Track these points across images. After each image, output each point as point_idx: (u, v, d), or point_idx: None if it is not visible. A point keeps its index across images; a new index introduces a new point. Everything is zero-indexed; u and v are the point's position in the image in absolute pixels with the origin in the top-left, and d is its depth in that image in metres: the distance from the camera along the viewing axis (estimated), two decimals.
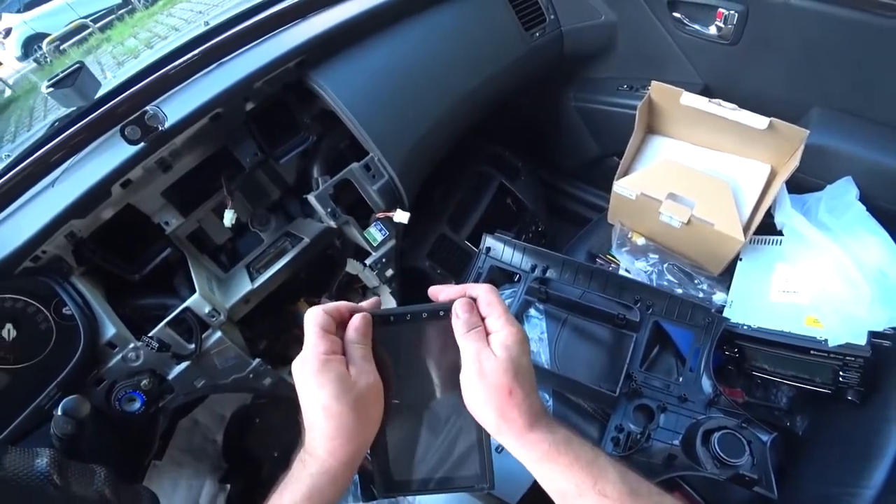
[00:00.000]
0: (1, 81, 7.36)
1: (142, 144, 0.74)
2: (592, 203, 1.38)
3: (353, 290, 1.04)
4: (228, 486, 1.26)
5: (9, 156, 0.99)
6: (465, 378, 0.43)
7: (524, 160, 1.32)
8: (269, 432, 1.34)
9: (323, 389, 0.41)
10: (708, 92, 1.08)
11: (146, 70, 0.90)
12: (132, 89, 0.79)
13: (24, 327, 0.80)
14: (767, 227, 0.94)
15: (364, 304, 0.48)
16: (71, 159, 0.82)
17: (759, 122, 0.87)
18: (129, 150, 0.76)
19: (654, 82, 0.95)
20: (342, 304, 0.47)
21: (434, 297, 0.48)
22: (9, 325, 0.79)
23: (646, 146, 1.06)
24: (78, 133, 0.78)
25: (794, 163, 0.86)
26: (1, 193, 0.81)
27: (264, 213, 0.98)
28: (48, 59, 7.12)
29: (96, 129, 0.76)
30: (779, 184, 0.90)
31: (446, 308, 0.45)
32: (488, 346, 0.43)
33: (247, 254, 0.97)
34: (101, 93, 0.90)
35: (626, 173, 1.02)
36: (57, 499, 0.47)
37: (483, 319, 0.45)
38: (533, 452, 0.42)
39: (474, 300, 0.46)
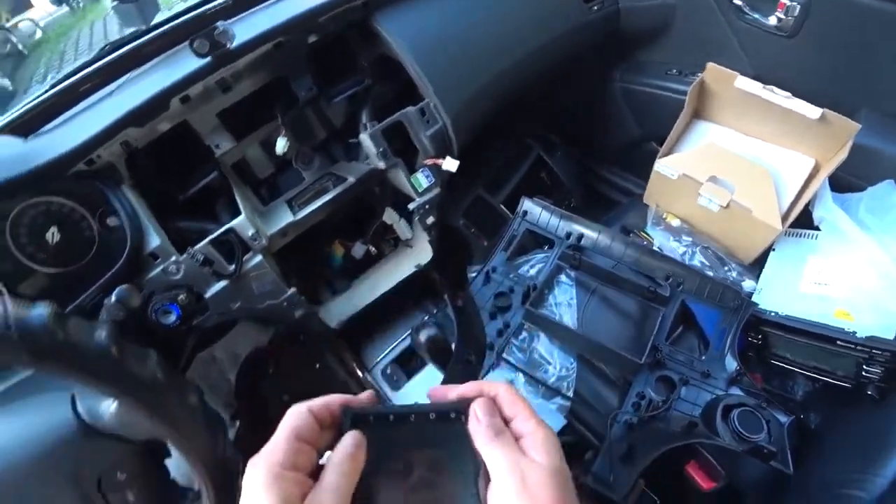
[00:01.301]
0: (33, 23, 7.39)
1: (208, 59, 0.75)
2: (626, 189, 1.38)
3: (386, 240, 1.06)
4: (238, 423, 1.29)
5: (54, 77, 1.00)
6: (499, 495, 0.34)
7: (563, 136, 1.33)
8: (282, 376, 1.36)
9: None
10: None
11: None
12: (202, 8, 0.80)
13: (69, 232, 0.81)
14: (804, 224, 0.94)
15: (362, 395, 0.40)
16: (133, 71, 0.83)
17: (812, 111, 0.88)
18: (193, 65, 0.77)
19: (709, 64, 0.95)
20: (333, 399, 0.38)
21: (439, 398, 0.40)
22: (53, 228, 0.80)
23: (691, 130, 1.06)
24: (145, 45, 0.79)
25: (842, 156, 0.87)
26: (61, 98, 0.82)
27: (309, 151, 0.99)
28: (80, 4, 7.14)
29: (164, 41, 0.78)
30: (823, 176, 0.91)
31: (459, 409, 0.37)
32: (525, 453, 0.35)
33: (287, 190, 0.99)
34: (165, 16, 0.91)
35: (668, 154, 1.02)
36: (114, 371, 0.49)
37: (507, 423, 0.37)
38: None
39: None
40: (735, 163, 0.95)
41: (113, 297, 0.67)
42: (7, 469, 0.48)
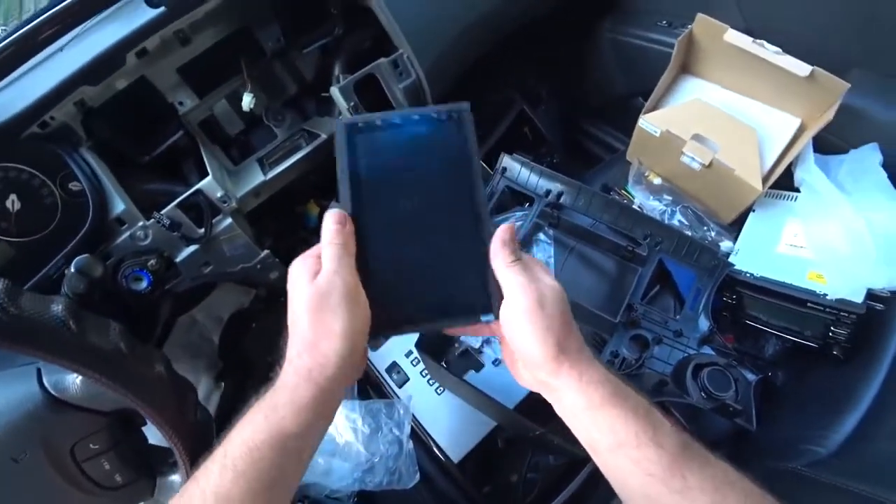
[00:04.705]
0: None
1: (163, 8, 0.70)
2: (611, 145, 1.35)
3: None
4: (223, 383, 1.30)
5: (4, 28, 0.93)
6: (516, 310, 0.38)
7: (548, 89, 1.29)
8: (265, 336, 1.36)
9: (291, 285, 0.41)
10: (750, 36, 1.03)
11: None
12: None
13: (29, 200, 0.77)
14: (783, 186, 0.93)
15: None
16: (84, 24, 0.77)
17: (801, 69, 0.85)
18: (147, 16, 0.72)
19: (699, 15, 0.91)
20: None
21: None
22: (13, 196, 0.77)
23: (678, 85, 1.03)
24: None
25: (828, 117, 0.85)
26: (9, 55, 0.76)
27: (280, 107, 0.94)
28: None
29: None
30: (807, 137, 0.89)
31: (443, 111, 0.42)
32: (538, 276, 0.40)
33: (259, 148, 0.95)
34: None
35: (653, 110, 0.99)
36: (72, 344, 0.48)
37: None
38: (595, 394, 0.38)
39: None
40: (720, 120, 0.93)
41: (72, 268, 0.65)
42: None
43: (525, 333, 0.38)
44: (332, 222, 0.40)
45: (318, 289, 0.38)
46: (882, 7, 0.88)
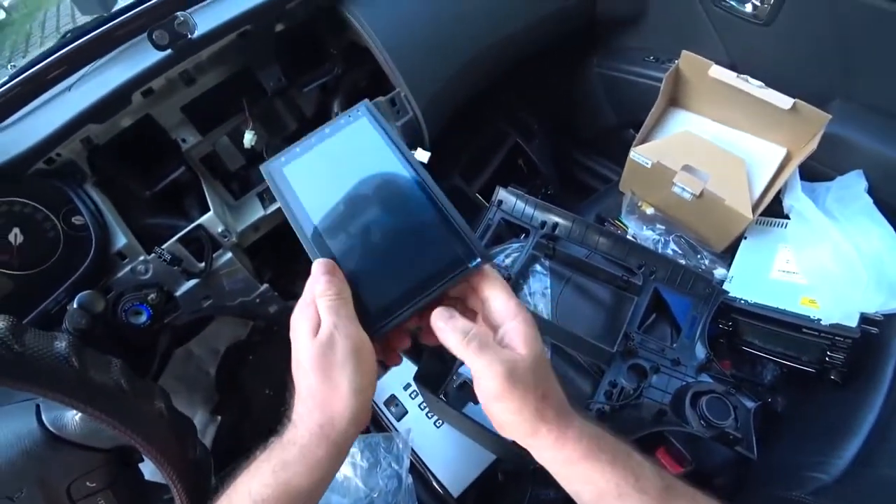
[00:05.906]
0: None
1: (168, 51, 0.73)
2: (603, 175, 1.38)
3: None
4: (219, 417, 1.29)
5: (14, 66, 0.96)
6: (488, 390, 0.37)
7: (541, 122, 1.32)
8: (263, 369, 1.36)
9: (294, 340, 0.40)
10: (734, 71, 1.08)
11: None
12: None
13: (32, 234, 0.78)
14: (774, 213, 0.96)
15: None
16: (92, 64, 0.80)
17: (784, 101, 0.88)
18: (153, 57, 0.74)
19: (684, 52, 0.95)
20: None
21: None
22: (16, 230, 0.78)
23: (667, 118, 1.06)
24: (103, 36, 0.76)
25: (812, 146, 0.88)
26: (17, 93, 0.79)
27: (280, 144, 0.97)
28: None
29: (122, 32, 0.74)
30: (793, 166, 0.92)
31: (349, 113, 0.46)
32: (505, 347, 0.38)
33: (259, 183, 0.97)
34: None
35: (643, 142, 1.02)
36: (74, 381, 0.48)
37: (483, 304, 0.41)
38: (574, 452, 0.38)
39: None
40: (709, 151, 0.95)
41: (74, 304, 0.65)
42: None
43: (501, 412, 0.38)
44: (321, 273, 0.40)
45: (322, 344, 0.37)
46: (856, 43, 0.91)
